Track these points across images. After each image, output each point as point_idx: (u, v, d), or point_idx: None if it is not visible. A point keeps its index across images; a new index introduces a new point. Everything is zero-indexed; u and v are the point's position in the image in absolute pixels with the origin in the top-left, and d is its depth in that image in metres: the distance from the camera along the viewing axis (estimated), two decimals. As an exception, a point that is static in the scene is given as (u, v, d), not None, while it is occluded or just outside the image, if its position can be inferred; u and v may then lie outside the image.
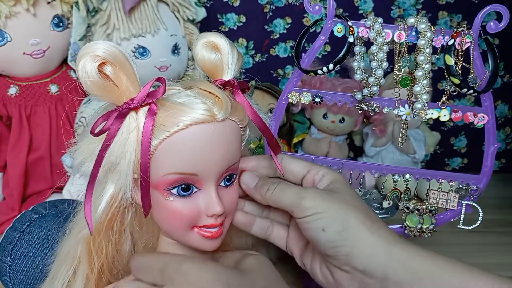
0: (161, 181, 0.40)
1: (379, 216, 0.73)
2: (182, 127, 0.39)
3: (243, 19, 1.08)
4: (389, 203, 0.73)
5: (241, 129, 0.44)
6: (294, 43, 1.04)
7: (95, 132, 0.39)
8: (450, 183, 0.70)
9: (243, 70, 0.98)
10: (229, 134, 0.41)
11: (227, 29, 1.08)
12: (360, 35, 0.64)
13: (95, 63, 0.37)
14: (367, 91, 0.65)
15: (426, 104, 0.64)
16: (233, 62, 0.44)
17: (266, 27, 1.09)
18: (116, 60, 0.37)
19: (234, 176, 0.44)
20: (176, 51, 0.91)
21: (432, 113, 0.66)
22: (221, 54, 0.43)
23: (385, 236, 0.44)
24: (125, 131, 0.38)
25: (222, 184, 0.43)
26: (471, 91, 0.61)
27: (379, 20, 0.63)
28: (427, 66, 0.62)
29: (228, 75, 0.44)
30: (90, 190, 0.39)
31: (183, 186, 0.40)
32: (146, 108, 0.38)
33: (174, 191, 0.40)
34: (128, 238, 0.47)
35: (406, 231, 0.73)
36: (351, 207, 0.45)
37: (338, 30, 0.65)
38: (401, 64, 0.64)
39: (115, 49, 0.37)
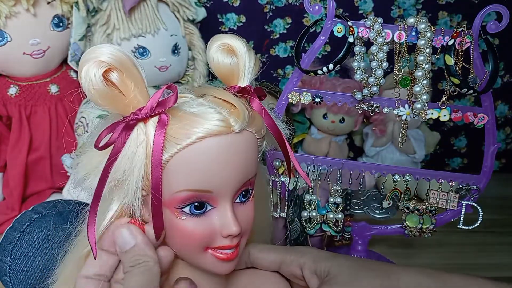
0: (172, 199, 0.36)
1: (379, 216, 0.73)
2: (195, 139, 0.35)
3: (243, 19, 1.08)
4: (389, 203, 0.72)
5: (258, 140, 0.40)
6: (294, 43, 1.04)
7: (100, 146, 0.35)
8: (450, 183, 0.70)
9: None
10: (245, 146, 0.38)
11: (227, 29, 1.08)
12: (360, 35, 0.64)
13: (100, 70, 0.33)
14: (367, 91, 0.65)
15: (426, 104, 0.64)
16: (249, 67, 0.41)
17: (266, 27, 1.09)
18: (123, 66, 0.34)
19: (250, 191, 0.41)
20: (176, 51, 0.91)
21: (432, 113, 0.66)
22: (237, 58, 0.41)
23: None
24: (133, 144, 0.35)
25: (237, 200, 0.39)
26: (471, 91, 0.61)
27: (379, 20, 0.63)
28: (427, 66, 0.62)
29: (244, 81, 0.41)
30: (93, 211, 0.35)
31: (196, 204, 0.37)
32: (156, 119, 0.35)
33: (186, 209, 0.37)
34: None
35: (406, 231, 0.73)
36: None
37: (338, 30, 0.65)
38: (401, 64, 0.64)
39: (122, 54, 0.34)
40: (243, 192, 0.40)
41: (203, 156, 0.36)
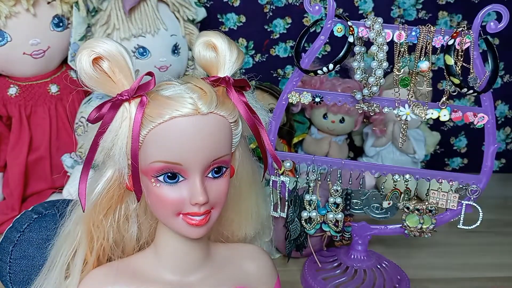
0: (149, 168, 0.43)
1: (379, 216, 0.73)
2: (167, 118, 0.41)
3: (243, 19, 1.08)
4: (389, 203, 0.72)
5: (231, 124, 0.45)
6: (294, 43, 1.04)
7: (92, 119, 0.42)
8: (450, 183, 0.70)
9: (243, 70, 0.98)
10: (214, 127, 0.43)
11: (227, 29, 1.08)
12: (360, 35, 0.64)
13: (90, 58, 0.41)
14: (367, 91, 0.65)
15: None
16: (230, 61, 0.46)
17: (266, 27, 1.09)
18: (111, 56, 0.41)
19: (224, 169, 0.45)
20: (176, 51, 0.91)
21: (432, 113, 0.66)
22: (217, 53, 0.46)
23: None
24: (119, 120, 0.42)
25: (210, 175, 0.44)
26: (471, 91, 0.61)
27: (379, 20, 0.63)
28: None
29: (223, 73, 0.46)
30: (85, 171, 0.43)
31: (169, 174, 0.43)
32: (138, 100, 0.42)
33: (161, 178, 0.43)
34: (133, 224, 0.50)
35: (406, 231, 0.73)
36: None
37: (338, 30, 0.65)
38: (401, 64, 0.64)
39: (111, 46, 0.41)
40: (215, 169, 0.44)
41: (173, 133, 0.42)
